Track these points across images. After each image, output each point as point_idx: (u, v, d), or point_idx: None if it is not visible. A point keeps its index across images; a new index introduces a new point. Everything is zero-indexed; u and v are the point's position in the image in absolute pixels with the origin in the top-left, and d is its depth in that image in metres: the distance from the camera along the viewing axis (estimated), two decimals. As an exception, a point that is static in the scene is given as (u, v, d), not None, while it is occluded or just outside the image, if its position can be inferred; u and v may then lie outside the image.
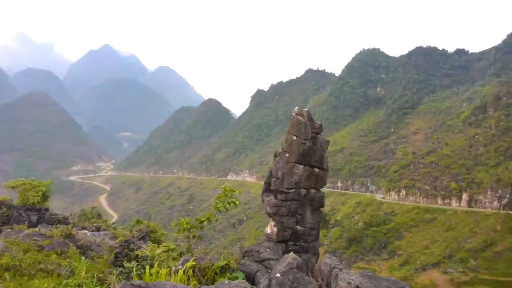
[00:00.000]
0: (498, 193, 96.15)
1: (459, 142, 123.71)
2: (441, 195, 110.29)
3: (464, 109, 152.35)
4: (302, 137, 18.45)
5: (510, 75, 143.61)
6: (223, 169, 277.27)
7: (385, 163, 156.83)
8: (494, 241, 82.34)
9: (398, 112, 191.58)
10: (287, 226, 18.36)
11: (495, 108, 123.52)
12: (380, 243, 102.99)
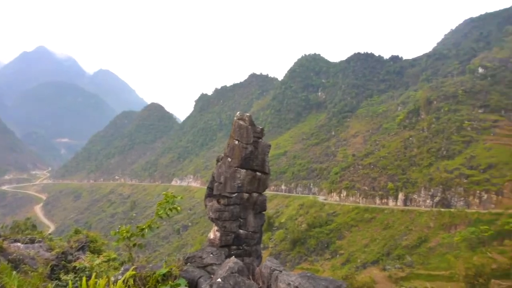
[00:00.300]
0: (431, 192, 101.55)
1: (395, 144, 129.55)
2: (379, 195, 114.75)
3: (399, 112, 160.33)
4: (244, 142, 18.64)
5: (439, 81, 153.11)
6: (167, 175, 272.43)
7: (326, 165, 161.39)
8: (427, 237, 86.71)
9: (338, 116, 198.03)
10: (230, 231, 18.43)
11: (427, 111, 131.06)
12: (323, 244, 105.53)
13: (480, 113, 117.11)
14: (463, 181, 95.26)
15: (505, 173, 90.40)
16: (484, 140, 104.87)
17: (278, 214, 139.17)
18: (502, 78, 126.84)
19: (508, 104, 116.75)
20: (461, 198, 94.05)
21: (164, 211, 12.78)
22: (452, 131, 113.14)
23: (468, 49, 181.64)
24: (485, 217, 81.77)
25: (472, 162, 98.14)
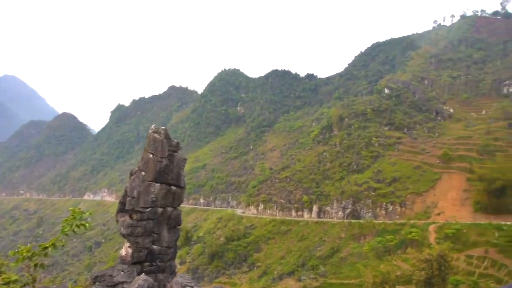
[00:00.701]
0: (342, 204, 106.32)
1: (309, 158, 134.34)
2: (295, 207, 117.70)
3: (313, 128, 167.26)
4: (158, 155, 18.28)
5: (351, 99, 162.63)
6: (79, 189, 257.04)
7: (245, 179, 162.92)
8: (339, 247, 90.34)
9: (256, 130, 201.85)
10: (143, 247, 17.85)
11: (339, 128, 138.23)
12: (241, 257, 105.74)
13: (386, 130, 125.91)
14: (371, 194, 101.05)
15: (408, 186, 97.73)
16: (389, 155, 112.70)
17: (196, 228, 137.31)
18: (405, 99, 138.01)
19: (410, 123, 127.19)
20: (369, 210, 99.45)
21: (70, 227, 12.05)
22: (361, 147, 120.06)
23: (376, 71, 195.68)
24: (391, 227, 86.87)
25: (379, 176, 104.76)
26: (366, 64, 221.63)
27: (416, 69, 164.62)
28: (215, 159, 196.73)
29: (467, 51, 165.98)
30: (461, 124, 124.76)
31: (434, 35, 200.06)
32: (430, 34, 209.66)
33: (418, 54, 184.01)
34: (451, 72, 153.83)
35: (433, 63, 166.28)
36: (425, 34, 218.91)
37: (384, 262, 69.68)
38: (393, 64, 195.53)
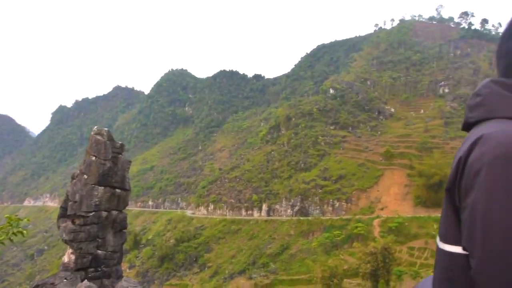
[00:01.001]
0: (291, 202, 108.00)
1: (258, 157, 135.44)
2: (245, 206, 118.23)
3: (262, 128, 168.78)
4: (101, 158, 17.90)
5: (297, 99, 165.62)
6: (19, 194, 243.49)
7: (194, 180, 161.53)
8: (289, 244, 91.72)
9: (205, 131, 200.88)
10: (87, 252, 17.41)
11: (286, 127, 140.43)
12: (191, 258, 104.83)
13: (332, 129, 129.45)
14: (318, 191, 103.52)
15: (353, 183, 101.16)
16: (335, 153, 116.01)
17: (145, 231, 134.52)
18: (349, 99, 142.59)
19: (354, 122, 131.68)
20: (317, 207, 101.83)
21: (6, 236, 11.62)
22: (308, 146, 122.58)
23: (321, 72, 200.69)
24: (337, 223, 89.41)
25: (325, 174, 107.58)
26: (311, 65, 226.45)
27: (359, 70, 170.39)
28: (164, 160, 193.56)
29: (406, 54, 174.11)
30: (401, 122, 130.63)
31: (376, 37, 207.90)
32: (372, 37, 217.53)
33: (360, 56, 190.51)
34: (391, 73, 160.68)
35: (374, 65, 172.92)
36: (367, 36, 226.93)
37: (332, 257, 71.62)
38: (338, 65, 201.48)
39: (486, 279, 0.94)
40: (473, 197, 1.01)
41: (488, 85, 1.25)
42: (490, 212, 0.95)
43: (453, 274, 1.10)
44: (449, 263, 1.13)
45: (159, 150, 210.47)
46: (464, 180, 1.05)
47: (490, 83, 1.25)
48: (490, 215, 0.95)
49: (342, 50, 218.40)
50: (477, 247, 0.98)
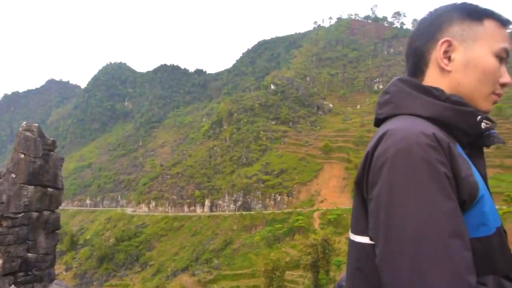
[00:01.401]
0: (233, 197, 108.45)
1: (200, 153, 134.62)
2: (187, 203, 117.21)
3: (204, 123, 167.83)
4: (31, 155, 17.01)
5: (239, 94, 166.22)
6: None
7: (134, 176, 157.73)
8: (232, 239, 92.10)
9: (146, 126, 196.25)
10: (16, 256, 16.52)
11: (228, 122, 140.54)
12: (132, 257, 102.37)
13: (273, 124, 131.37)
14: (260, 186, 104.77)
15: (294, 177, 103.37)
16: (276, 148, 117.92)
17: (82, 231, 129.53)
18: (289, 95, 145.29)
19: (294, 117, 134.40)
20: (259, 201, 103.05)
21: None
22: (250, 141, 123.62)
23: (262, 67, 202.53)
24: (279, 216, 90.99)
25: (267, 168, 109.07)
26: (253, 60, 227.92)
27: (299, 66, 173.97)
28: (102, 157, 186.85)
29: (343, 51, 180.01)
30: (339, 118, 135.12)
31: (315, 35, 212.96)
32: (311, 34, 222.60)
33: (300, 52, 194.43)
34: (330, 70, 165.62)
35: (314, 61, 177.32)
36: (306, 33, 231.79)
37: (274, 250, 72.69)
38: (278, 61, 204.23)
39: (388, 266, 0.98)
40: (377, 189, 1.05)
41: (396, 84, 1.29)
42: (392, 203, 0.99)
43: (362, 264, 1.14)
44: (359, 254, 1.16)
45: (97, 146, 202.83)
46: (371, 173, 1.09)
47: (397, 82, 1.30)
48: (392, 206, 0.99)
49: (282, 46, 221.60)
50: (380, 236, 1.02)
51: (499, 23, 1.24)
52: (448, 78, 1.22)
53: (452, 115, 1.15)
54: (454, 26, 1.23)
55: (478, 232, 1.07)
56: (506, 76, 1.26)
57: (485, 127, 1.17)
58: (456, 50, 1.21)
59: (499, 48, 1.18)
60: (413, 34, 1.35)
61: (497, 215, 1.18)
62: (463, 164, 1.07)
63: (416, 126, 1.07)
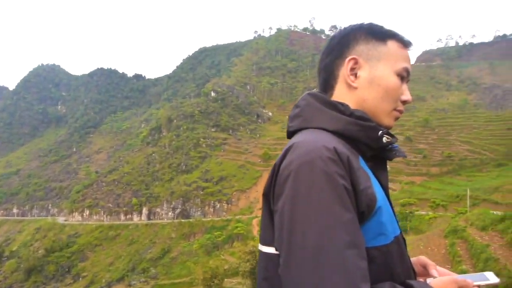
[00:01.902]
0: (172, 205, 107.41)
1: (138, 160, 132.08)
2: (124, 211, 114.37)
3: (142, 129, 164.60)
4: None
5: (179, 101, 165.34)
6: None
7: (67, 184, 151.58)
8: (170, 248, 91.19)
9: (80, 131, 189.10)
10: None
11: (168, 129, 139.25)
12: (64, 268, 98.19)
13: (213, 131, 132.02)
14: (200, 193, 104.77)
15: (233, 184, 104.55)
16: (216, 155, 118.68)
17: (8, 242, 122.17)
18: (229, 102, 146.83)
19: (234, 125, 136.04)
20: (198, 209, 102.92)
21: None
22: (190, 148, 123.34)
23: (203, 74, 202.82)
24: (218, 223, 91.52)
25: (207, 176, 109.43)
26: (193, 67, 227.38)
27: (240, 74, 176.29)
28: (32, 163, 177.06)
29: (282, 61, 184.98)
30: (278, 126, 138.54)
31: (255, 44, 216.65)
32: (252, 43, 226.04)
33: (241, 60, 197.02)
34: (269, 79, 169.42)
35: (254, 70, 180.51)
36: (247, 42, 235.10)
37: (213, 258, 73.02)
38: (219, 68, 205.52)
39: (289, 275, 1.01)
40: (282, 201, 1.08)
41: (306, 98, 1.37)
42: (294, 215, 1.02)
43: (269, 274, 1.18)
44: (266, 263, 1.21)
45: (26, 152, 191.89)
46: (277, 186, 1.12)
47: (307, 96, 1.38)
48: (294, 217, 1.02)
49: (223, 54, 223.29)
50: (283, 247, 1.05)
51: (401, 44, 1.30)
52: (354, 94, 1.27)
53: (356, 130, 1.18)
54: (360, 45, 1.28)
55: (376, 241, 1.10)
56: (407, 94, 1.34)
57: (386, 142, 1.21)
58: (362, 68, 1.27)
59: (401, 67, 1.26)
60: (324, 51, 1.39)
61: (395, 224, 1.23)
62: (362, 176, 1.09)
63: (320, 140, 1.09)
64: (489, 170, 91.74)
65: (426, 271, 1.30)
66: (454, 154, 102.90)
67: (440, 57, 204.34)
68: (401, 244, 1.22)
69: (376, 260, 1.09)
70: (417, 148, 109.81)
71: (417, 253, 19.38)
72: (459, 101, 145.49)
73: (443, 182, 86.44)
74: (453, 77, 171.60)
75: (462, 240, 16.04)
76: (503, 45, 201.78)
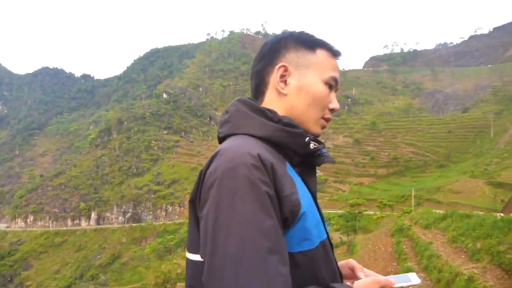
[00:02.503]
0: (123, 209, 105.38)
1: (87, 163, 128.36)
2: (71, 216, 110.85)
3: (91, 131, 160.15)
4: None
5: (130, 102, 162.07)
6: None
7: (9, 188, 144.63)
8: (120, 253, 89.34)
9: (23, 133, 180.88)
10: None
11: (118, 131, 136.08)
12: (6, 277, 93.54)
13: (165, 134, 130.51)
14: (151, 196, 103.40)
15: (186, 187, 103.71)
16: (168, 158, 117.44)
17: None
18: (181, 104, 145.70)
19: (187, 127, 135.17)
20: (150, 212, 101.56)
21: None
22: (141, 150, 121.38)
23: (154, 76, 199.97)
24: (171, 227, 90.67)
25: (158, 179, 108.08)
26: (145, 68, 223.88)
27: (192, 76, 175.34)
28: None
29: (235, 63, 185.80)
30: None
31: (208, 46, 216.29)
32: (204, 45, 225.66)
33: (193, 62, 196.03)
34: (222, 82, 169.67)
35: (206, 72, 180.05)
36: (199, 44, 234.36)
37: (165, 262, 72.18)
38: (171, 70, 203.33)
39: (211, 281, 1.01)
40: (206, 208, 1.08)
41: (235, 104, 1.36)
42: (217, 221, 1.02)
43: (195, 282, 1.17)
44: (192, 271, 1.20)
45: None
46: (202, 192, 1.11)
47: (237, 102, 1.37)
48: (217, 224, 1.02)
49: (175, 55, 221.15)
50: (206, 254, 1.05)
51: (330, 54, 1.31)
52: (284, 101, 1.28)
53: (283, 136, 1.19)
54: (290, 53, 1.29)
55: (301, 247, 1.11)
56: (334, 102, 1.35)
57: (313, 148, 1.22)
58: (291, 75, 1.27)
59: (329, 76, 1.27)
60: (256, 57, 1.40)
61: (322, 229, 1.22)
62: (287, 183, 1.10)
63: (245, 147, 1.10)
64: (431, 171, 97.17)
65: (354, 274, 1.33)
66: (400, 156, 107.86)
67: (386, 63, 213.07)
68: (327, 248, 1.24)
69: (301, 265, 1.10)
70: (365, 150, 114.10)
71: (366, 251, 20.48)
72: (404, 105, 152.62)
73: (390, 183, 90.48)
74: (398, 82, 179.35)
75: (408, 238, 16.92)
76: (444, 52, 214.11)
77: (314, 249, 1.14)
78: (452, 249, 10.82)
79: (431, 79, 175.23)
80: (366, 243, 24.05)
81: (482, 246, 8.70)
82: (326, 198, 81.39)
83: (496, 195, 54.86)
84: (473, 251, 8.91)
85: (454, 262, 8.76)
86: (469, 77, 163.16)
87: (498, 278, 6.62)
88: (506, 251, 7.22)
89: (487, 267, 7.43)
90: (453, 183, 69.25)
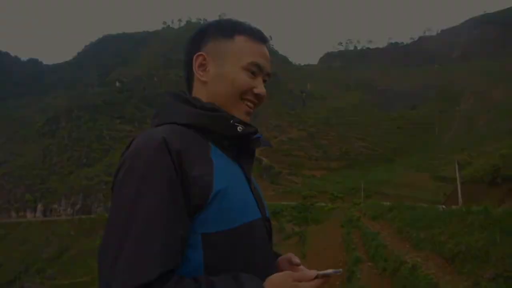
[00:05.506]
0: (71, 200, 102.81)
1: (33, 152, 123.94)
2: (15, 208, 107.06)
3: (38, 119, 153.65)
4: None
5: (80, 90, 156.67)
6: None
7: None
8: (69, 246, 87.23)
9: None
10: None
11: (67, 119, 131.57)
12: None
13: (118, 123, 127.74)
14: (102, 188, 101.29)
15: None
16: (120, 148, 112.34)
17: None
18: (136, 93, 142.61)
19: (141, 117, 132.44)
20: (101, 204, 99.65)
21: None
22: (92, 140, 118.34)
23: (107, 63, 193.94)
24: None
25: (111, 169, 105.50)
26: (96, 55, 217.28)
27: (147, 65, 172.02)
28: None
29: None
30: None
31: (164, 35, 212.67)
32: (160, 33, 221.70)
33: (148, 51, 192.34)
34: (177, 71, 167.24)
35: (162, 61, 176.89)
36: (155, 33, 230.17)
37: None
38: (125, 58, 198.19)
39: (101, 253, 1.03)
40: (114, 192, 1.13)
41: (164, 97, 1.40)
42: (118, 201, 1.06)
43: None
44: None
45: None
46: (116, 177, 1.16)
47: (166, 95, 1.41)
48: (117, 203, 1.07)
49: (130, 43, 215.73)
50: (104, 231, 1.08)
51: (251, 39, 1.33)
52: (206, 89, 1.32)
53: (206, 120, 1.23)
54: (211, 41, 1.33)
55: (218, 227, 1.13)
56: (259, 87, 1.36)
57: (242, 131, 1.25)
58: (210, 63, 1.31)
59: (247, 62, 1.30)
60: (184, 49, 1.43)
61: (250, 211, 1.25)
62: (199, 165, 1.13)
63: (155, 133, 1.13)
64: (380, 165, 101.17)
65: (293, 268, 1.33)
66: (351, 150, 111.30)
67: (340, 59, 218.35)
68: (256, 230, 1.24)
69: (218, 246, 1.12)
70: (319, 144, 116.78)
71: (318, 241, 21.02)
72: (356, 101, 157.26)
73: (341, 175, 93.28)
74: (351, 78, 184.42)
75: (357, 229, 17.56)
76: (395, 51, 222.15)
77: (231, 229, 1.15)
78: (398, 239, 11.32)
79: (382, 76, 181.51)
80: (317, 234, 24.67)
81: (425, 236, 9.14)
82: (280, 190, 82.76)
83: (439, 188, 57.95)
84: (417, 241, 9.35)
85: (399, 251, 9.13)
86: (418, 76, 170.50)
87: (439, 266, 6.98)
88: (446, 241, 7.63)
89: (429, 256, 7.79)
90: (400, 176, 72.43)
